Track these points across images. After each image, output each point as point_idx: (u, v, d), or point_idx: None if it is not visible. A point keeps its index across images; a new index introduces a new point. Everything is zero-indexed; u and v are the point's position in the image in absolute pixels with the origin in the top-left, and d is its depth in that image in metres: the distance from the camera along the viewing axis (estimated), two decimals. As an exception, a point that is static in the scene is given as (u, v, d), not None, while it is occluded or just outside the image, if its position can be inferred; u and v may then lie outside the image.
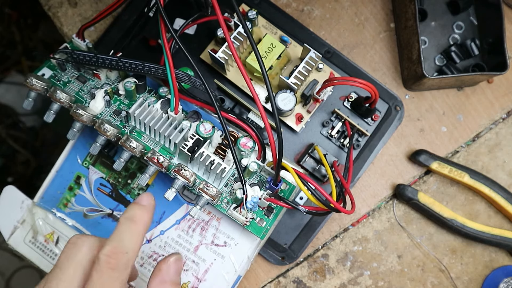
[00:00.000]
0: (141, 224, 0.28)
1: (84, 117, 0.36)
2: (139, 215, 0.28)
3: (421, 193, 0.44)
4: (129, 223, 0.28)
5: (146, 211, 0.29)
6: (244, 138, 0.36)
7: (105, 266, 0.25)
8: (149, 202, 0.29)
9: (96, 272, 0.25)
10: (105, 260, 0.26)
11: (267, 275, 0.46)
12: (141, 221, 0.28)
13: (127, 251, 0.27)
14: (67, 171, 0.43)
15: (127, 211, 0.28)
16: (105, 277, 0.25)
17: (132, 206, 0.29)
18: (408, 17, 0.44)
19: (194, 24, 0.43)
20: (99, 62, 0.36)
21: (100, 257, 0.26)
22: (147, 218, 0.29)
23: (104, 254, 0.26)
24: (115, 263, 0.26)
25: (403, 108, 0.45)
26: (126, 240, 0.27)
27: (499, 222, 0.46)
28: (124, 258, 0.26)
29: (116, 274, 0.26)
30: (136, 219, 0.28)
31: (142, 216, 0.28)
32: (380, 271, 0.46)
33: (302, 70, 0.40)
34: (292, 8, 0.48)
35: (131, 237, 0.27)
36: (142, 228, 0.28)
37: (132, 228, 0.28)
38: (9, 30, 1.08)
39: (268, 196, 0.36)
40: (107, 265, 0.26)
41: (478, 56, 0.46)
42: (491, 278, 0.45)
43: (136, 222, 0.28)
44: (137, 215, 0.28)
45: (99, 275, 0.25)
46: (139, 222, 0.28)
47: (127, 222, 0.28)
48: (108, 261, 0.26)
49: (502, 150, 0.47)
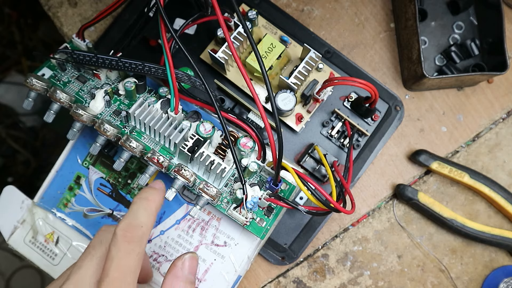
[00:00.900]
0: (153, 202, 0.30)
1: (84, 117, 0.36)
2: (152, 195, 0.30)
3: (421, 193, 0.44)
4: (143, 201, 0.30)
5: (157, 192, 0.31)
6: (244, 138, 0.36)
7: (121, 240, 0.27)
8: (160, 187, 0.32)
9: (114, 246, 0.27)
10: (121, 234, 0.27)
11: (267, 275, 0.46)
12: (153, 200, 0.30)
13: (142, 225, 0.28)
14: (67, 171, 0.43)
15: (141, 192, 0.30)
16: (122, 250, 0.27)
17: (145, 189, 0.31)
18: (408, 17, 0.44)
19: (194, 24, 0.43)
20: (99, 62, 0.36)
21: (117, 232, 0.27)
22: (159, 199, 0.31)
23: (120, 228, 0.27)
24: (130, 237, 0.27)
25: (403, 108, 0.45)
26: (140, 216, 0.29)
27: (499, 222, 0.46)
28: (139, 231, 0.28)
29: (131, 247, 0.27)
30: (149, 198, 0.30)
31: (154, 196, 0.30)
32: (380, 271, 0.46)
33: (302, 70, 0.40)
34: (292, 8, 0.48)
35: (145, 213, 0.29)
36: (154, 206, 0.30)
37: (145, 205, 0.29)
38: (9, 30, 1.08)
39: (268, 196, 0.36)
40: (123, 238, 0.27)
41: (478, 56, 0.46)
42: (491, 278, 0.45)
43: (149, 200, 0.30)
44: (150, 195, 0.30)
45: (116, 248, 0.27)
46: (152, 200, 0.30)
47: (141, 200, 0.30)
48: (124, 234, 0.27)
49: (502, 150, 0.47)
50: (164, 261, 0.42)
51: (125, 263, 0.27)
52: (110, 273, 0.26)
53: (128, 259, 0.27)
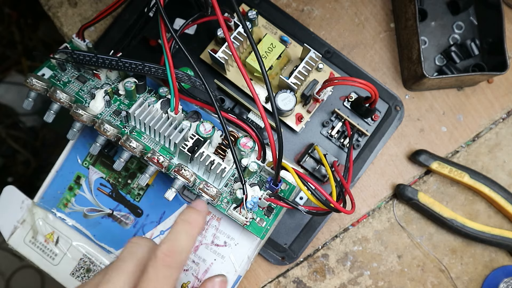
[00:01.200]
0: (196, 226, 0.29)
1: (84, 117, 0.36)
2: (195, 218, 0.30)
3: (421, 193, 0.44)
4: (186, 225, 0.29)
5: (201, 216, 0.30)
6: (244, 138, 0.36)
7: (161, 263, 0.27)
8: (203, 208, 0.31)
9: (152, 268, 0.27)
10: (162, 257, 0.27)
11: (267, 275, 0.46)
12: (196, 224, 0.29)
13: (182, 251, 0.28)
14: (67, 171, 0.43)
15: (184, 213, 0.30)
16: (160, 273, 0.27)
17: (188, 209, 0.30)
18: (408, 17, 0.44)
19: (194, 24, 0.43)
20: (99, 62, 0.36)
21: (158, 254, 0.27)
22: (202, 222, 0.30)
23: (161, 251, 0.27)
24: (170, 261, 0.27)
25: (403, 108, 0.45)
26: (182, 241, 0.28)
27: (499, 222, 0.46)
28: (179, 257, 0.28)
29: (170, 272, 0.27)
30: (191, 221, 0.29)
31: (197, 219, 0.30)
32: (380, 271, 0.46)
33: (302, 70, 0.40)
34: (292, 8, 0.48)
35: (187, 238, 0.28)
36: (196, 230, 0.29)
37: (188, 230, 0.29)
38: (9, 30, 1.08)
39: (268, 196, 0.36)
40: (163, 262, 0.27)
41: (478, 56, 0.46)
42: (491, 278, 0.46)
43: (191, 224, 0.29)
44: (193, 218, 0.30)
45: (155, 271, 0.27)
46: (195, 224, 0.29)
47: (183, 223, 0.29)
48: (164, 258, 0.27)
49: (502, 150, 0.47)
50: (164, 261, 0.42)
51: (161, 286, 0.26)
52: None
53: (165, 284, 0.27)
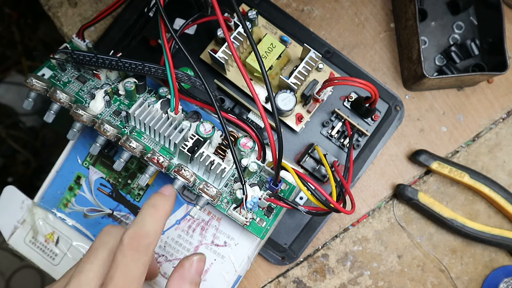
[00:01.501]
0: (162, 210, 0.29)
1: (84, 117, 0.36)
2: (161, 203, 0.30)
3: (421, 193, 0.44)
4: (151, 209, 0.29)
5: (167, 200, 0.30)
6: (244, 138, 0.36)
7: (127, 248, 0.27)
8: (170, 193, 0.31)
9: (120, 253, 0.27)
10: (128, 242, 0.27)
11: (267, 275, 0.46)
12: (162, 208, 0.29)
13: (148, 234, 0.28)
14: (67, 171, 0.43)
15: (149, 199, 0.30)
16: (128, 258, 0.27)
17: (154, 195, 0.30)
18: (408, 17, 0.44)
19: (194, 24, 0.43)
20: (99, 62, 0.36)
21: (124, 239, 0.27)
22: (168, 206, 0.30)
23: (127, 236, 0.27)
24: (136, 245, 0.27)
25: (403, 108, 0.45)
26: (147, 224, 0.28)
27: (499, 222, 0.46)
28: (146, 240, 0.28)
29: (138, 255, 0.27)
30: (157, 205, 0.29)
31: (163, 203, 0.30)
32: (380, 271, 0.46)
33: (302, 70, 0.40)
34: (292, 8, 0.48)
35: (152, 221, 0.28)
36: (163, 214, 0.29)
37: (153, 213, 0.29)
38: (9, 30, 1.08)
39: (268, 196, 0.36)
40: (130, 246, 0.27)
41: (478, 56, 0.46)
42: (491, 278, 0.46)
43: (157, 208, 0.29)
44: (159, 202, 0.30)
45: (122, 255, 0.27)
46: (161, 208, 0.29)
47: (148, 208, 0.29)
48: (130, 243, 0.27)
49: (502, 150, 0.47)
50: (164, 261, 0.42)
51: (131, 271, 0.27)
52: (114, 280, 0.26)
53: (134, 268, 0.27)
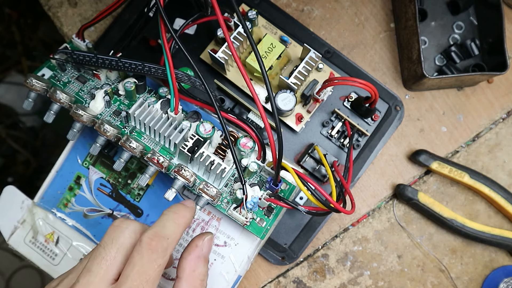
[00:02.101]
0: (183, 217, 0.30)
1: (84, 118, 0.36)
2: (182, 211, 0.30)
3: (421, 193, 0.44)
4: (172, 214, 0.30)
5: (189, 211, 0.31)
6: (244, 138, 0.36)
7: (146, 248, 0.27)
8: (191, 206, 0.32)
9: (137, 253, 0.27)
10: (147, 242, 0.27)
11: (267, 275, 0.46)
12: (183, 215, 0.30)
13: (168, 237, 0.28)
14: (67, 171, 0.43)
15: (171, 207, 0.31)
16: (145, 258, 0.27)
17: (177, 204, 0.31)
18: (408, 17, 0.44)
19: (194, 24, 0.43)
20: (99, 62, 0.36)
21: (143, 239, 0.27)
22: (189, 216, 0.31)
23: (146, 236, 0.27)
24: (155, 246, 0.27)
25: (403, 108, 0.45)
26: (168, 228, 0.29)
27: (499, 222, 0.46)
28: (165, 243, 0.28)
29: (155, 256, 0.27)
30: (179, 212, 0.30)
31: (185, 212, 0.30)
32: (380, 271, 0.46)
33: (302, 70, 0.40)
34: (292, 8, 0.48)
35: (173, 225, 0.29)
36: (183, 221, 0.30)
37: (174, 218, 0.30)
38: (9, 30, 1.08)
39: (268, 196, 0.36)
40: (148, 246, 0.27)
41: (478, 56, 0.46)
42: (491, 278, 0.46)
43: (178, 214, 0.30)
44: (181, 210, 0.30)
45: (140, 256, 0.27)
46: (182, 215, 0.30)
47: (170, 213, 0.30)
48: (149, 243, 0.27)
49: (502, 150, 0.47)
50: (164, 261, 0.42)
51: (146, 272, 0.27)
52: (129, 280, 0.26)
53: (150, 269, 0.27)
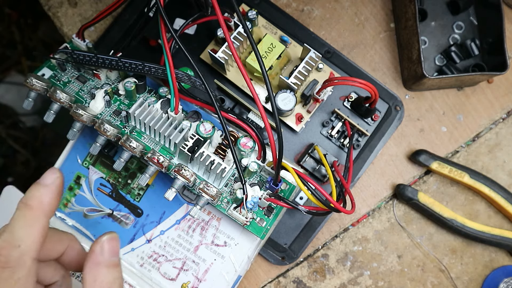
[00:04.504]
0: (38, 209, 0.24)
1: (84, 117, 0.36)
2: (37, 198, 0.24)
3: (421, 193, 0.44)
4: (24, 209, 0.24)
5: (47, 192, 0.24)
6: (244, 138, 0.36)
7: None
8: (53, 180, 0.25)
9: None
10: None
11: (267, 275, 0.46)
12: (38, 205, 0.24)
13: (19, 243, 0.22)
14: (67, 171, 0.43)
15: (25, 193, 0.24)
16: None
17: (31, 187, 0.24)
18: (408, 17, 0.44)
19: (194, 24, 0.43)
20: (99, 62, 0.36)
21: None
22: (48, 200, 0.24)
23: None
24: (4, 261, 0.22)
25: (403, 108, 0.45)
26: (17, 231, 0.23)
27: (499, 222, 0.46)
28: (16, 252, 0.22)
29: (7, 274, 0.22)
30: (31, 203, 0.24)
31: (40, 198, 0.24)
32: (380, 271, 0.46)
33: (302, 70, 0.40)
34: (292, 8, 0.48)
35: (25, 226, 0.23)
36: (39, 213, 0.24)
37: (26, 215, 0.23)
38: (9, 30, 1.08)
39: (268, 196, 0.36)
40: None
41: (478, 56, 0.46)
42: (491, 278, 0.45)
43: (31, 207, 0.24)
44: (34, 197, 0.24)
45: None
46: (36, 206, 0.24)
47: (21, 208, 0.24)
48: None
49: (502, 150, 0.47)
50: (164, 261, 0.42)
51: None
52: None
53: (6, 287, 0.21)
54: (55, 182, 0.25)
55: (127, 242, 0.42)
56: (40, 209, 0.24)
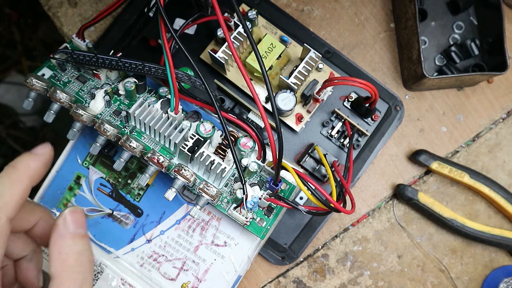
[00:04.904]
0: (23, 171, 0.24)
1: (84, 117, 0.36)
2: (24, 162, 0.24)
3: (421, 193, 0.44)
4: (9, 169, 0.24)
5: (35, 159, 0.25)
6: (244, 138, 0.36)
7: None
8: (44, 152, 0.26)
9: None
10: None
11: (267, 275, 0.46)
12: (24, 168, 0.24)
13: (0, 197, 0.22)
14: (67, 171, 0.43)
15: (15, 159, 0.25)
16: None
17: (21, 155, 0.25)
18: (408, 17, 0.44)
19: (194, 24, 0.43)
20: (99, 62, 0.36)
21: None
22: (35, 165, 0.25)
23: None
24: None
25: (403, 108, 0.45)
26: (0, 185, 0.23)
27: (499, 222, 0.46)
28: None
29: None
30: (18, 165, 0.24)
31: (27, 162, 0.24)
32: (380, 271, 0.46)
33: (302, 70, 0.40)
34: (292, 8, 0.48)
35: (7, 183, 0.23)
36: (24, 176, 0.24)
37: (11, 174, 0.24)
38: (9, 30, 1.08)
39: (268, 196, 0.36)
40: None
41: (478, 56, 0.46)
42: (491, 278, 0.45)
43: (17, 169, 0.24)
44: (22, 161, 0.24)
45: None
46: (22, 169, 0.24)
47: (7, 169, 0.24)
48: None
49: (502, 150, 0.47)
50: (164, 261, 0.42)
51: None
52: None
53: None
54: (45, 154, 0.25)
55: (127, 242, 0.42)
56: (26, 173, 0.24)
